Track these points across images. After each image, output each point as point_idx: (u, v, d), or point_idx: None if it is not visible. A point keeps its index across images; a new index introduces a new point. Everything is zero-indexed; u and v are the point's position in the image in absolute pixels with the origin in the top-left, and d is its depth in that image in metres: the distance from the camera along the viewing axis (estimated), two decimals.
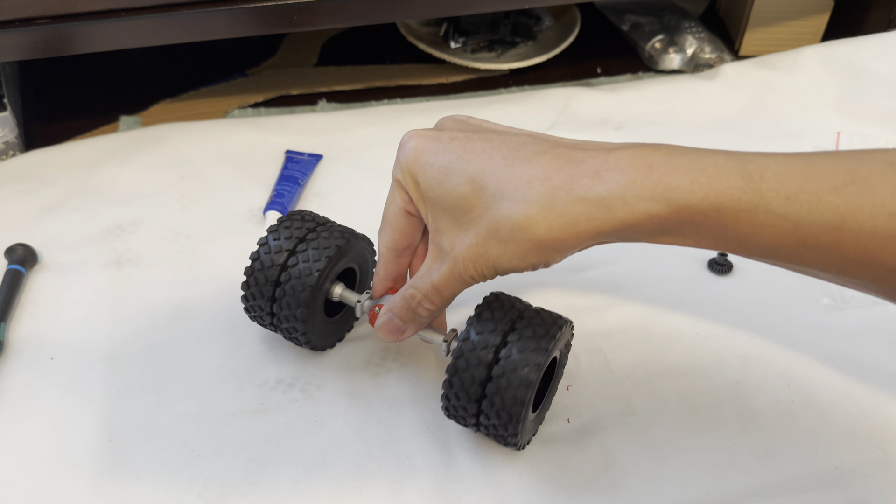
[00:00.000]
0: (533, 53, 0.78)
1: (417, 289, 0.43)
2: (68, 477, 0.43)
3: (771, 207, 0.35)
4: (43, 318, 0.52)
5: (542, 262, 0.39)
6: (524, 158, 0.38)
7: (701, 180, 0.35)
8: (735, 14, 0.82)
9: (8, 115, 0.62)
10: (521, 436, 0.42)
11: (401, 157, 0.42)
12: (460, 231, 0.40)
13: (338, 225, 0.48)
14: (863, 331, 0.53)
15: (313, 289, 0.45)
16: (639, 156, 0.36)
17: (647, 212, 0.36)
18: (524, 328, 0.42)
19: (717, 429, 0.47)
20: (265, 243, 0.46)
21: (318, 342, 0.49)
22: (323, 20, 0.61)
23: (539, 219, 0.37)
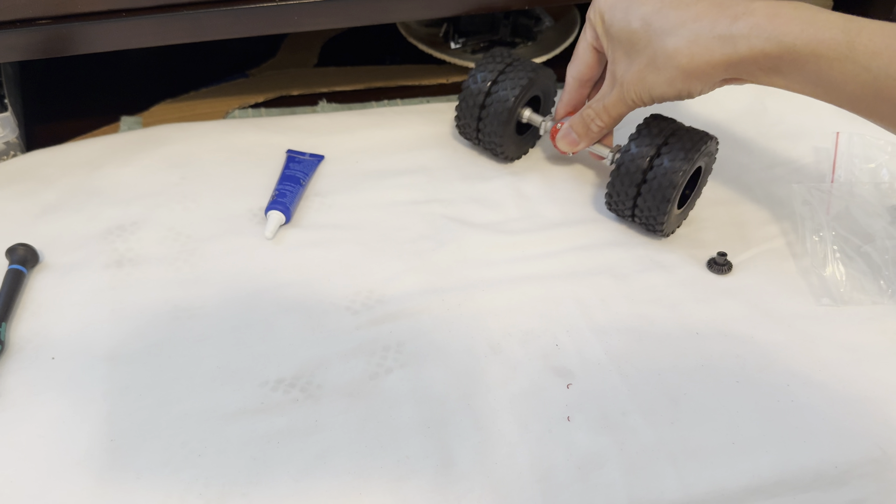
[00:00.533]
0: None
1: (592, 108, 0.56)
2: (69, 476, 0.43)
3: (859, 60, 0.42)
4: (44, 317, 0.52)
5: (687, 90, 0.50)
6: (686, 3, 0.48)
7: (809, 30, 0.44)
8: None
9: (9, 115, 0.62)
10: (667, 225, 0.56)
11: (592, 8, 0.54)
12: (629, 61, 0.51)
13: (528, 61, 0.61)
14: (862, 330, 0.53)
15: (510, 111, 0.60)
16: (771, 6, 0.46)
17: (763, 50, 0.45)
18: (675, 142, 0.54)
19: (717, 429, 0.47)
20: (474, 75, 0.61)
21: (511, 153, 0.63)
22: (323, 21, 0.61)
23: (685, 50, 0.48)
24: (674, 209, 0.55)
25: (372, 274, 0.55)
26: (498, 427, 0.46)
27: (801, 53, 0.44)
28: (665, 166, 0.53)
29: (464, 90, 0.61)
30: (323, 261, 0.56)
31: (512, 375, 0.49)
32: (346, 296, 0.54)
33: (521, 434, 0.46)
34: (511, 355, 0.50)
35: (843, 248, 0.57)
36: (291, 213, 0.59)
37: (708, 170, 0.58)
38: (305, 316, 0.52)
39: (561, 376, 0.49)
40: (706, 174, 0.58)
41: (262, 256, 0.56)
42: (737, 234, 0.59)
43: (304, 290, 0.54)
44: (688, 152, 0.53)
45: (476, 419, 0.47)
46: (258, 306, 0.53)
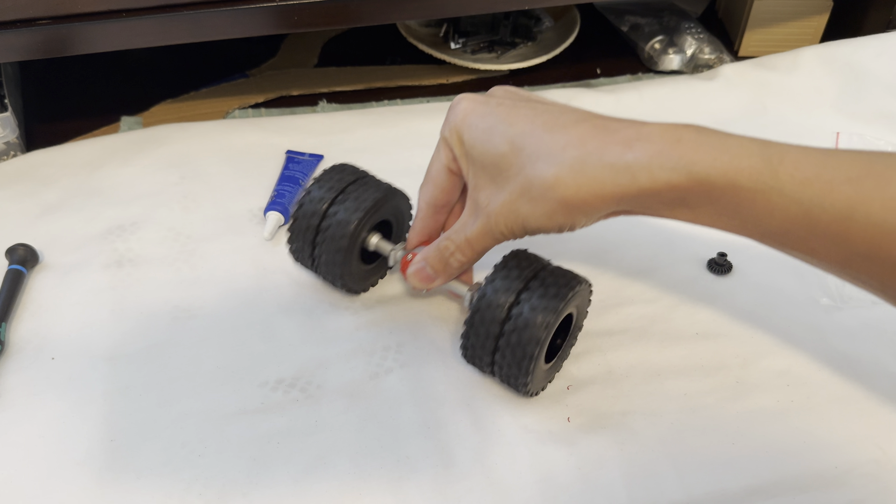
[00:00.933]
0: (533, 54, 0.78)
1: (451, 241, 0.46)
2: (69, 477, 0.43)
3: (786, 190, 0.36)
4: (44, 318, 0.52)
5: (569, 224, 0.42)
6: (563, 125, 0.41)
7: (723, 158, 0.37)
8: (734, 15, 0.82)
9: (9, 115, 0.62)
10: (532, 384, 0.46)
11: (450, 116, 0.45)
12: (496, 188, 0.43)
13: (376, 179, 0.52)
14: (862, 331, 0.53)
15: (350, 237, 0.49)
16: (669, 130, 0.38)
17: (669, 181, 0.38)
18: (537, 288, 0.44)
19: (717, 428, 0.47)
20: (308, 192, 0.50)
21: (354, 286, 0.53)
22: (323, 21, 0.61)
23: (568, 180, 0.39)
24: (539, 365, 0.45)
25: None
26: (498, 427, 0.46)
27: (715, 185, 0.37)
28: (525, 317, 0.43)
29: (297, 209, 0.50)
30: None
31: None
32: (346, 296, 0.54)
33: (521, 434, 0.46)
34: None
35: None
36: (290, 214, 0.59)
37: (582, 315, 0.49)
38: (305, 316, 0.52)
39: (560, 377, 0.49)
40: (580, 320, 0.49)
41: (262, 257, 0.56)
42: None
43: (303, 291, 0.54)
44: (552, 300, 0.43)
45: (476, 419, 0.47)
46: (258, 306, 0.53)
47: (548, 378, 0.48)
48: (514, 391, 0.47)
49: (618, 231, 0.59)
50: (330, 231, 0.49)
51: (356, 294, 0.54)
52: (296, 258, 0.52)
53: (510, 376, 0.45)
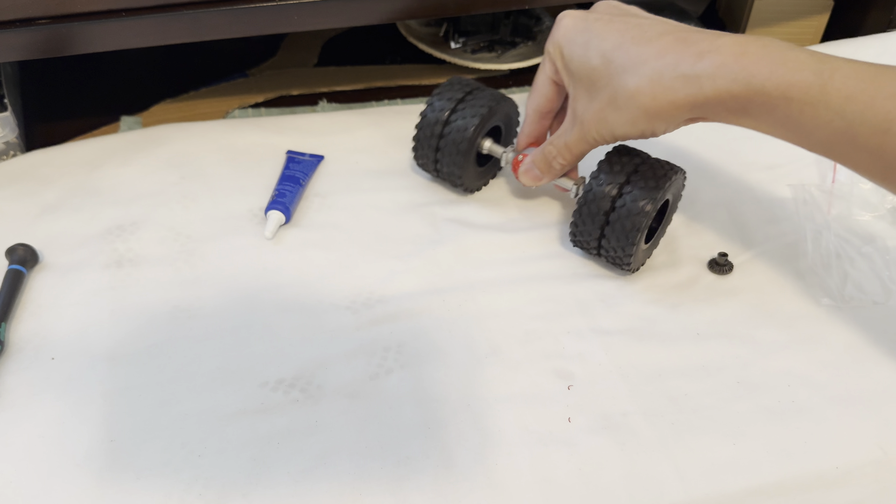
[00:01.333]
0: (533, 54, 0.78)
1: (554, 146, 0.53)
2: (69, 477, 0.43)
3: (832, 104, 0.40)
4: (44, 318, 0.52)
5: (650, 130, 0.47)
6: (648, 39, 0.45)
7: (779, 71, 0.41)
8: (735, 14, 0.82)
9: (9, 115, 0.62)
10: (634, 261, 0.53)
11: (554, 32, 0.50)
12: (590, 98, 0.48)
13: (489, 90, 0.58)
14: (863, 331, 0.53)
15: (469, 141, 0.56)
16: (738, 43, 0.43)
17: (729, 91, 0.42)
18: (638, 179, 0.51)
19: (718, 429, 0.47)
20: (431, 104, 0.58)
21: (470, 185, 0.60)
22: (322, 20, 0.61)
23: (647, 89, 0.45)
24: (640, 246, 0.52)
25: (372, 274, 0.55)
26: (499, 428, 0.46)
27: (770, 96, 0.41)
28: (629, 206, 0.50)
29: (421, 119, 0.58)
30: (323, 261, 0.56)
31: (513, 376, 0.49)
32: (347, 296, 0.54)
33: (522, 435, 0.46)
34: (511, 356, 0.50)
35: (843, 249, 0.57)
36: (291, 213, 0.59)
37: (676, 202, 0.56)
38: (305, 316, 0.52)
39: (562, 377, 0.49)
40: (674, 207, 0.56)
41: (262, 256, 0.56)
42: (738, 234, 0.59)
43: (303, 291, 0.54)
44: (651, 190, 0.50)
45: (476, 420, 0.47)
46: (258, 306, 0.53)
47: (647, 255, 0.55)
48: (619, 269, 0.55)
49: None
50: (451, 136, 0.57)
51: (471, 193, 0.61)
52: (419, 163, 0.60)
53: (615, 257, 0.53)
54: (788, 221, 0.60)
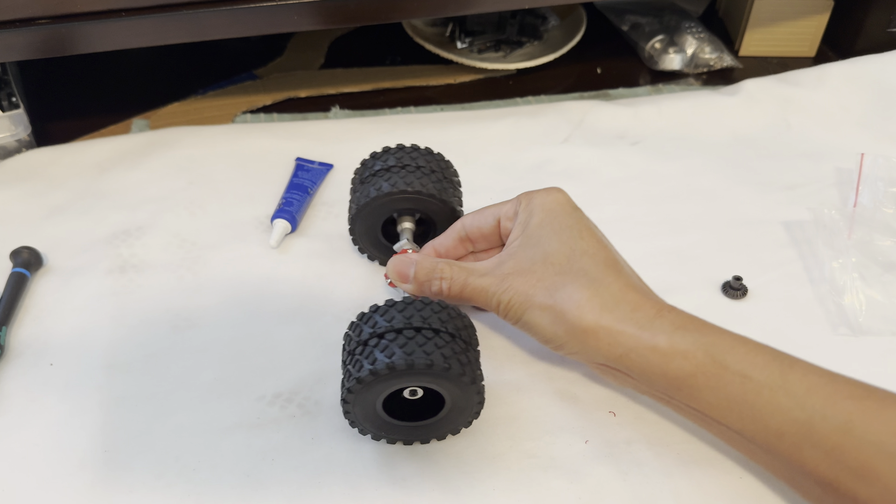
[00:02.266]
0: (539, 53, 0.78)
1: (452, 269, 0.46)
2: (62, 487, 0.43)
3: (793, 392, 0.38)
4: (45, 322, 0.51)
5: (560, 341, 0.43)
6: (619, 272, 0.43)
7: (740, 348, 0.40)
8: (735, 14, 0.81)
9: (21, 112, 0.62)
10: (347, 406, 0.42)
11: (539, 194, 0.46)
12: (529, 267, 0.44)
13: (454, 193, 0.53)
14: (879, 361, 0.51)
15: (384, 196, 0.51)
16: (692, 317, 0.42)
17: (684, 352, 0.40)
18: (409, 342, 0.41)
19: (724, 461, 0.45)
20: (384, 152, 0.53)
21: (367, 249, 0.55)
22: (324, 21, 0.60)
23: (597, 306, 0.41)
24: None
25: (376, 287, 0.54)
26: (498, 451, 0.45)
27: (728, 370, 0.39)
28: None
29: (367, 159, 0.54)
30: (327, 271, 0.55)
31: (515, 398, 0.48)
32: (349, 308, 0.53)
33: (522, 460, 0.45)
34: (514, 377, 0.49)
35: (863, 276, 0.55)
36: (297, 222, 0.58)
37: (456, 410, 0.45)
38: (306, 328, 0.51)
39: (565, 400, 0.48)
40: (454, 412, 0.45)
41: (266, 265, 0.56)
42: (753, 256, 0.58)
43: (306, 302, 0.53)
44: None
45: (475, 442, 0.46)
46: (259, 317, 0.52)
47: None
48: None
49: (631, 251, 0.58)
50: (371, 184, 0.52)
51: (371, 260, 0.56)
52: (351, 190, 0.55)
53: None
54: (807, 245, 0.58)
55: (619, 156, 0.66)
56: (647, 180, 0.64)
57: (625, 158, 0.65)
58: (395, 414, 0.43)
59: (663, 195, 0.63)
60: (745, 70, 0.78)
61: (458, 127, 0.68)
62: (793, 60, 0.80)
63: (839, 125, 0.70)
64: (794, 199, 0.62)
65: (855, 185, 0.61)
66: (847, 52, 0.77)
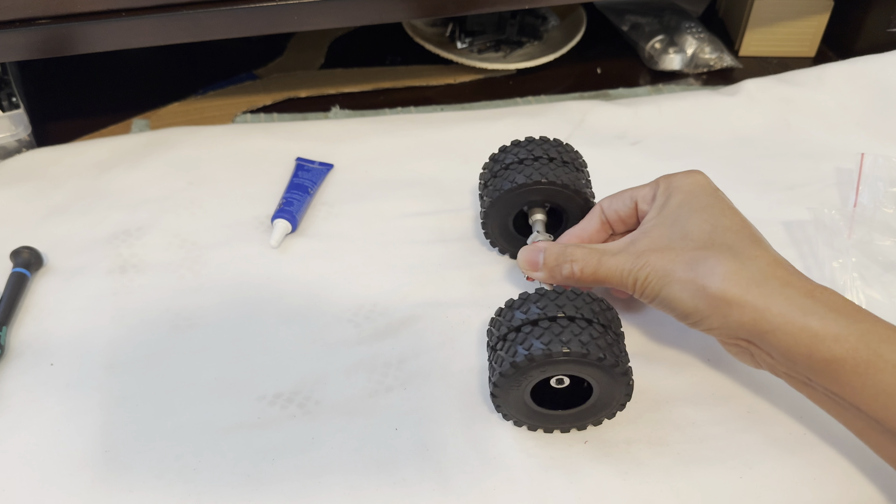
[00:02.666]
0: (539, 53, 0.78)
1: (582, 251, 0.46)
2: (62, 486, 0.43)
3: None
4: (45, 322, 0.51)
5: (700, 316, 0.42)
6: (765, 248, 0.42)
7: (888, 331, 0.39)
8: (735, 14, 0.82)
9: (22, 112, 0.62)
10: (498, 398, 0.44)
11: (680, 175, 0.46)
12: (665, 244, 0.43)
13: (583, 184, 0.53)
14: None
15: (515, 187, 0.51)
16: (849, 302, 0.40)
17: (837, 335, 0.39)
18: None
19: (725, 461, 0.45)
20: (518, 144, 0.54)
21: (498, 242, 0.55)
22: (324, 20, 0.60)
23: (742, 281, 0.40)
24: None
25: (376, 286, 0.54)
26: (499, 451, 0.45)
27: (882, 358, 0.38)
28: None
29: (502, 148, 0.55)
30: (327, 271, 0.56)
31: None
32: (349, 308, 0.53)
33: (523, 460, 0.45)
34: None
35: (863, 276, 0.55)
36: (298, 222, 0.58)
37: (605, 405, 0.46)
38: (306, 328, 0.51)
39: None
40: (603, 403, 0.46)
41: (266, 265, 0.56)
42: None
43: (306, 302, 0.53)
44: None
45: (476, 442, 0.46)
46: (259, 317, 0.52)
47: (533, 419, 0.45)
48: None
49: None
50: (503, 178, 0.52)
51: (502, 254, 0.56)
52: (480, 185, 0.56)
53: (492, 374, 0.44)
54: (807, 245, 0.58)
55: (619, 156, 0.66)
56: (647, 180, 0.64)
57: (625, 158, 0.66)
58: (540, 402, 0.44)
59: None
60: (745, 70, 0.79)
61: (458, 127, 0.68)
62: (793, 60, 0.80)
63: (839, 125, 0.70)
64: (794, 199, 0.62)
65: (855, 184, 0.61)
66: (847, 53, 0.77)
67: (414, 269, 0.56)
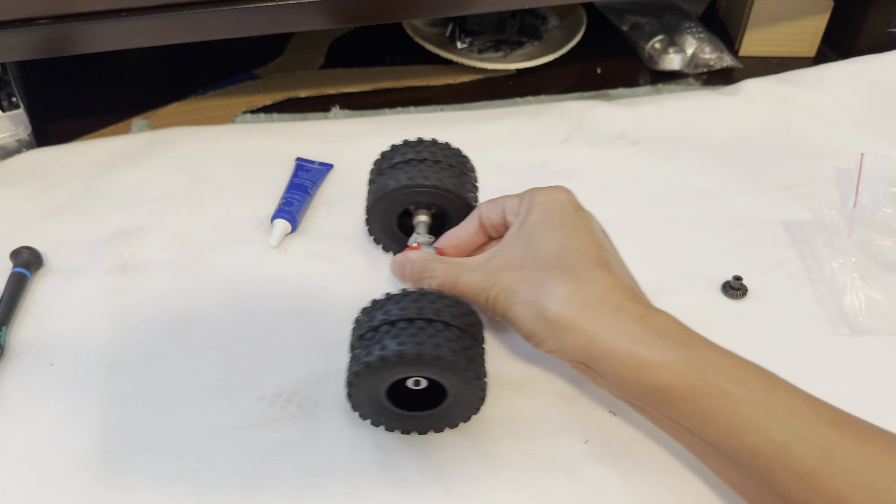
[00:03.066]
0: (539, 53, 0.78)
1: (443, 267, 0.46)
2: (62, 487, 0.43)
3: (774, 412, 0.37)
4: (45, 322, 0.51)
5: (539, 335, 0.42)
6: (609, 271, 0.42)
7: (725, 362, 0.39)
8: (735, 14, 0.82)
9: (22, 112, 0.62)
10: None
11: (542, 191, 0.46)
12: (518, 262, 0.44)
13: (470, 189, 0.53)
14: (879, 361, 0.51)
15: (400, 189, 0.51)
16: (680, 325, 0.41)
17: (664, 361, 0.39)
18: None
19: None
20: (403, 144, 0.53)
21: (381, 240, 0.55)
22: (322, 21, 0.60)
23: (576, 303, 0.40)
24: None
25: (376, 287, 0.54)
26: (498, 451, 0.45)
27: (709, 383, 0.38)
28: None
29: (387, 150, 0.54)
30: (327, 271, 0.56)
31: (515, 397, 0.48)
32: (349, 308, 0.53)
33: (522, 459, 0.45)
34: (514, 376, 0.49)
35: (863, 276, 0.55)
36: (298, 222, 0.58)
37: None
38: (306, 328, 0.51)
39: (565, 400, 0.48)
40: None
41: (266, 265, 0.56)
42: (753, 256, 0.58)
43: (306, 302, 0.53)
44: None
45: (476, 442, 0.46)
46: (259, 317, 0.52)
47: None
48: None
49: (631, 251, 0.58)
50: (389, 176, 0.52)
51: (383, 251, 0.56)
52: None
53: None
54: (807, 245, 0.58)
55: (619, 156, 0.66)
56: (646, 180, 0.64)
57: (625, 158, 0.66)
58: (397, 403, 0.44)
59: (663, 195, 0.63)
60: (745, 70, 0.78)
61: (458, 127, 0.68)
62: (793, 60, 0.80)
63: (839, 125, 0.70)
64: (793, 199, 0.62)
65: (855, 184, 0.61)
66: (847, 52, 0.77)
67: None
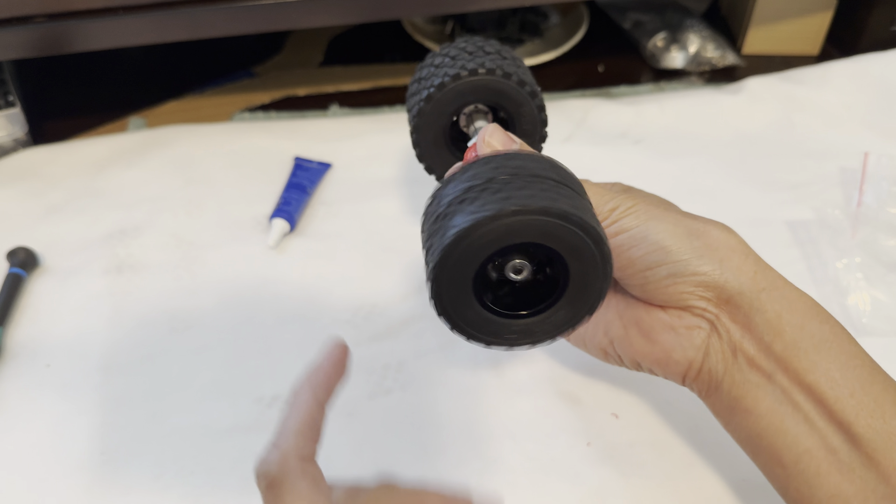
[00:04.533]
0: (540, 51, 0.77)
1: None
2: (58, 490, 0.43)
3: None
4: (41, 323, 0.51)
5: (683, 261, 0.38)
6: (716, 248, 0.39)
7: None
8: (738, 12, 0.81)
9: (18, 111, 0.62)
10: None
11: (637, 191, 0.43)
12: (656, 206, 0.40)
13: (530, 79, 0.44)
14: (883, 361, 0.50)
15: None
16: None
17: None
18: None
19: (729, 465, 0.45)
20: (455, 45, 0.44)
21: (428, 160, 0.46)
22: (322, 18, 0.60)
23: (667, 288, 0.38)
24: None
25: (375, 286, 0.54)
26: (499, 454, 0.45)
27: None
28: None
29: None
30: (326, 271, 0.55)
31: (516, 400, 0.48)
32: (348, 309, 0.53)
33: (523, 463, 0.44)
34: (516, 378, 0.49)
35: (867, 276, 0.54)
36: (296, 222, 0.58)
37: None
38: (305, 329, 0.51)
39: (567, 402, 0.48)
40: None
41: (264, 266, 0.55)
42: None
43: (304, 303, 0.53)
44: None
45: (476, 445, 0.45)
46: (257, 318, 0.52)
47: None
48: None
49: None
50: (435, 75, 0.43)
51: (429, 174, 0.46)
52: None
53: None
54: (811, 245, 0.58)
55: (621, 154, 0.65)
56: (649, 179, 0.63)
57: (627, 157, 0.65)
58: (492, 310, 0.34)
59: (665, 194, 0.62)
60: (749, 68, 0.78)
61: None
62: (796, 59, 0.79)
63: (843, 124, 0.69)
64: (797, 199, 0.62)
65: (859, 184, 0.60)
66: (851, 51, 0.76)
67: (413, 270, 0.55)
